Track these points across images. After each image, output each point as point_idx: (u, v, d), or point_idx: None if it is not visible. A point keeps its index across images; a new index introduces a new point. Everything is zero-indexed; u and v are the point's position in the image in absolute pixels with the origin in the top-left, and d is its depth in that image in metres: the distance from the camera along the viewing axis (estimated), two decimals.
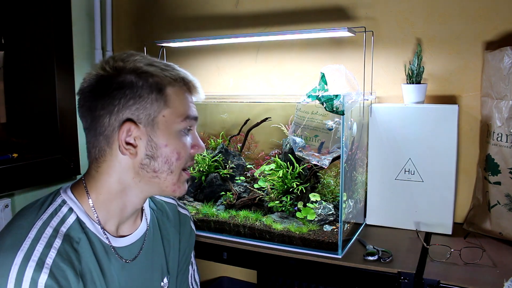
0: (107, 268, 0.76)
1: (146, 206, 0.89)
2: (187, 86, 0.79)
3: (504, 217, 1.26)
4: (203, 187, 1.48)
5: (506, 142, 1.24)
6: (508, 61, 1.21)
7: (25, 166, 1.46)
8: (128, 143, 0.74)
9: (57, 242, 0.69)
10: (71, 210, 0.74)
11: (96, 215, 0.76)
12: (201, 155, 1.49)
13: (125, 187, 0.77)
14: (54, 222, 0.72)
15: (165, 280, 0.89)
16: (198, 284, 1.02)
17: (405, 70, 1.38)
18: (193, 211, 1.41)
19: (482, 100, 1.34)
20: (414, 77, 1.35)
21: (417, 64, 1.34)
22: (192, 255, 1.01)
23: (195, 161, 1.49)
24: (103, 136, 0.74)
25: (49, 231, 0.70)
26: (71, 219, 0.74)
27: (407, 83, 1.36)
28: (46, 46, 1.56)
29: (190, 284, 0.99)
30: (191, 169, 1.49)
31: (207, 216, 1.38)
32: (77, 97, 0.77)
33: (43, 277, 0.64)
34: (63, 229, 0.72)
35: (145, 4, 1.88)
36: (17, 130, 1.65)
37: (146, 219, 0.87)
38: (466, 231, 1.35)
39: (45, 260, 0.66)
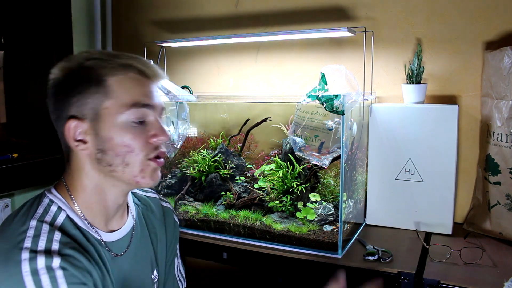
0: (103, 260, 0.77)
1: (131, 202, 0.90)
2: (133, 72, 0.75)
3: (504, 217, 1.26)
4: (203, 187, 1.48)
5: (506, 142, 1.24)
6: (508, 61, 1.21)
7: (25, 166, 1.46)
8: (78, 140, 0.74)
9: (57, 235, 0.70)
10: (60, 208, 0.75)
11: (81, 212, 0.77)
12: (201, 155, 1.49)
13: (97, 184, 0.77)
14: (48, 219, 0.72)
15: (155, 273, 0.90)
16: (184, 276, 1.03)
17: (405, 70, 1.38)
18: (193, 211, 1.41)
19: (482, 100, 1.34)
20: (414, 77, 1.35)
21: (417, 64, 1.34)
22: (177, 247, 1.01)
23: (194, 160, 1.49)
24: (63, 136, 0.76)
25: (46, 227, 0.70)
26: (62, 217, 0.74)
27: (407, 83, 1.36)
28: (46, 46, 1.56)
29: (176, 275, 1.00)
30: (191, 169, 1.49)
31: (207, 216, 1.38)
32: None
33: (56, 260, 0.65)
34: (57, 226, 0.72)
35: (145, 4, 1.88)
36: (17, 130, 1.65)
37: (132, 215, 0.88)
38: (466, 231, 1.35)
39: (51, 250, 0.67)
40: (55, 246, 0.68)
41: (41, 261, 0.64)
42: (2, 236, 0.70)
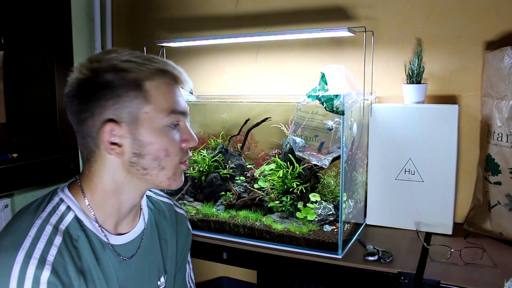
0: (106, 265, 0.76)
1: (144, 205, 0.89)
2: (168, 78, 0.76)
3: (504, 217, 1.26)
4: (203, 187, 1.48)
5: (507, 142, 1.24)
6: (508, 61, 1.21)
7: (25, 166, 1.46)
8: (113, 143, 0.73)
9: (58, 239, 0.70)
10: (69, 208, 0.75)
11: (93, 213, 0.76)
12: (201, 155, 1.49)
13: (119, 186, 0.77)
14: (53, 219, 0.72)
15: (162, 279, 0.89)
16: (194, 281, 1.03)
17: (405, 70, 1.37)
18: (193, 211, 1.41)
19: (482, 100, 1.34)
20: (414, 77, 1.35)
21: (417, 64, 1.34)
22: (189, 255, 1.01)
23: (194, 160, 1.49)
24: (90, 138, 0.75)
25: (49, 228, 0.70)
26: (70, 217, 0.74)
27: (407, 83, 1.36)
28: (46, 46, 1.56)
29: (187, 282, 1.00)
30: (191, 169, 1.49)
31: (207, 216, 1.38)
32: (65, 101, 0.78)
33: (46, 273, 0.65)
34: (62, 226, 0.72)
35: (145, 4, 1.88)
36: (17, 130, 1.64)
37: (144, 218, 0.87)
38: (467, 231, 1.35)
39: (47, 257, 0.67)
40: (53, 251, 0.68)
41: (31, 270, 0.64)
42: (7, 230, 0.71)
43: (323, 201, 1.31)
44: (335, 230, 1.25)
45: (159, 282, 0.88)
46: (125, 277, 0.80)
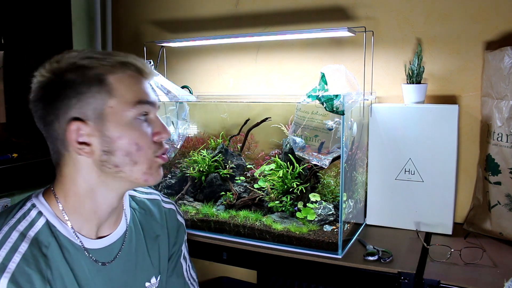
0: (81, 271, 0.74)
1: (127, 206, 0.86)
2: (131, 70, 0.74)
3: (504, 217, 1.26)
4: (203, 187, 1.48)
5: (507, 142, 1.24)
6: (508, 61, 1.21)
7: (25, 166, 1.46)
8: (81, 143, 0.71)
9: (23, 246, 0.68)
10: (40, 213, 0.73)
11: (67, 218, 0.74)
12: (201, 155, 1.49)
13: (93, 188, 0.75)
14: (22, 226, 0.70)
15: (153, 280, 0.86)
16: (196, 279, 1.00)
17: (405, 70, 1.37)
18: (193, 211, 1.41)
19: (482, 100, 1.34)
20: (414, 77, 1.35)
21: (417, 64, 1.34)
22: (185, 250, 0.98)
23: (194, 160, 1.49)
24: (59, 140, 0.73)
25: (15, 235, 0.69)
26: (40, 223, 0.72)
27: (407, 83, 1.36)
28: (46, 46, 1.57)
29: (187, 278, 0.96)
30: (191, 169, 1.49)
31: (207, 216, 1.38)
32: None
33: (3, 281, 0.63)
34: (31, 233, 0.70)
35: (145, 4, 1.88)
36: (17, 130, 1.65)
37: (126, 219, 0.85)
38: (466, 231, 1.35)
39: (7, 265, 0.65)
40: (16, 258, 0.66)
41: None
42: None
43: (323, 201, 1.31)
44: (335, 230, 1.25)
45: (148, 284, 0.85)
46: (106, 281, 0.77)
